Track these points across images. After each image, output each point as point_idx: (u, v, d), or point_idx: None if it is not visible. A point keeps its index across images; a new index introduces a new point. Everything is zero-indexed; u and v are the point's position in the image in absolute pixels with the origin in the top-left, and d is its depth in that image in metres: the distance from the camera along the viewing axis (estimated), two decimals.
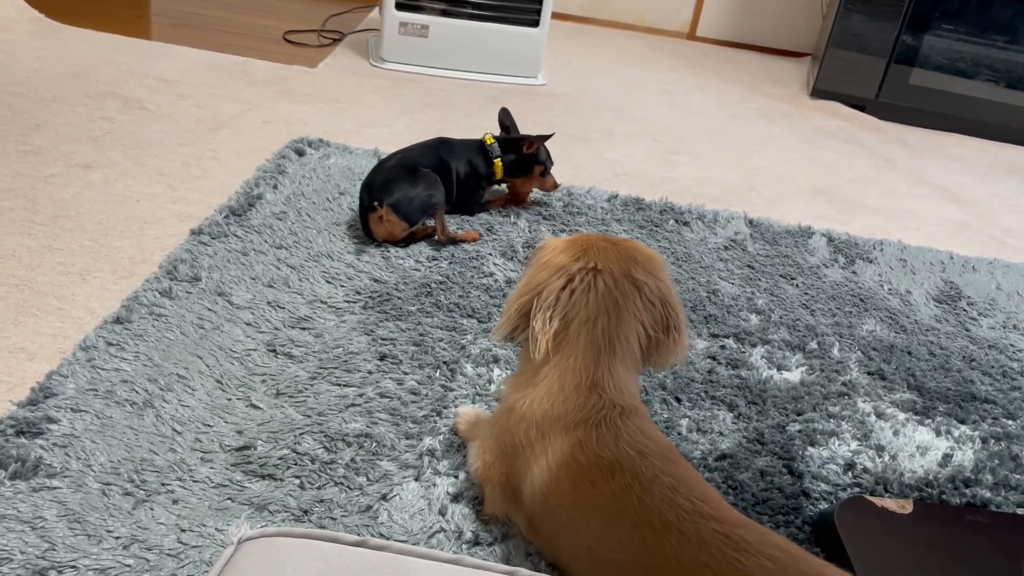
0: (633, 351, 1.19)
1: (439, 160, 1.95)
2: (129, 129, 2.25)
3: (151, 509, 1.19)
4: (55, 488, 1.19)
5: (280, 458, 1.30)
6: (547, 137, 2.04)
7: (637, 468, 1.06)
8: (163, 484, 1.23)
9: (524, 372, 1.23)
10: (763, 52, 3.75)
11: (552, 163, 2.09)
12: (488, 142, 2.03)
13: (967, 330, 1.90)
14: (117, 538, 1.13)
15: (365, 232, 1.87)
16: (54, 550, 1.10)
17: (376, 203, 1.82)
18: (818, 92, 3.24)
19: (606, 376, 1.15)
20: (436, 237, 1.89)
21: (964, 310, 1.98)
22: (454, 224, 1.99)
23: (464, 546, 1.20)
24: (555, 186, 2.12)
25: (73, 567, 1.08)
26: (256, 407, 1.39)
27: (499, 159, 2.02)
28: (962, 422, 1.60)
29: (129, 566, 1.10)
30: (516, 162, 2.04)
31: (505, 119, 2.10)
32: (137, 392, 1.38)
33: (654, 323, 1.20)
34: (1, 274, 1.63)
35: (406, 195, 1.82)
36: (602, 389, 1.14)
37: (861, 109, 3.19)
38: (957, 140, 3.12)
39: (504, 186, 2.13)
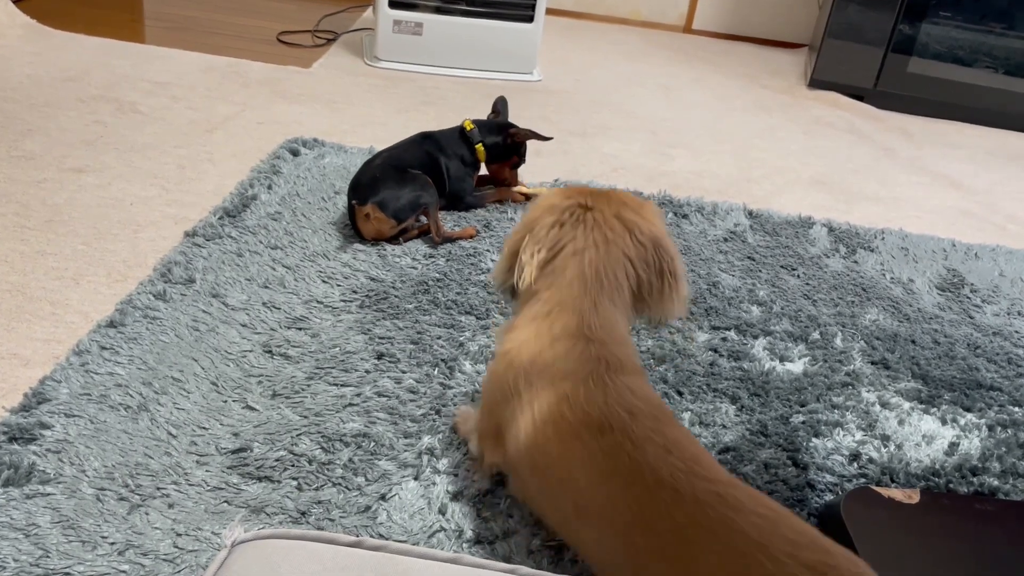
0: (622, 289, 1.18)
1: (426, 155, 1.94)
2: (122, 132, 2.23)
3: (146, 514, 1.17)
4: (49, 494, 1.17)
5: (277, 460, 1.28)
6: (544, 138, 2.03)
7: (628, 427, 1.04)
8: (158, 488, 1.21)
9: (516, 315, 1.21)
10: (760, 44, 3.74)
11: (524, 162, 2.08)
12: (467, 127, 2.01)
13: (971, 317, 1.88)
14: (112, 544, 1.12)
15: (355, 232, 1.86)
16: (48, 557, 1.09)
17: (355, 202, 1.81)
18: (816, 82, 3.22)
19: (594, 317, 1.14)
20: (432, 237, 1.87)
21: (967, 297, 1.96)
22: (450, 222, 1.97)
23: (465, 545, 1.19)
24: (516, 182, 2.10)
25: (68, 574, 1.07)
26: (252, 409, 1.38)
27: (480, 144, 2.00)
28: (968, 410, 1.58)
29: (124, 572, 1.08)
30: (500, 146, 2.02)
31: (499, 105, 2.09)
32: (131, 396, 1.36)
33: (645, 264, 1.20)
34: None
35: (394, 193, 1.81)
36: (591, 334, 1.12)
37: (859, 99, 3.17)
38: (957, 128, 3.10)
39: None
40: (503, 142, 2.02)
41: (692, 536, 0.95)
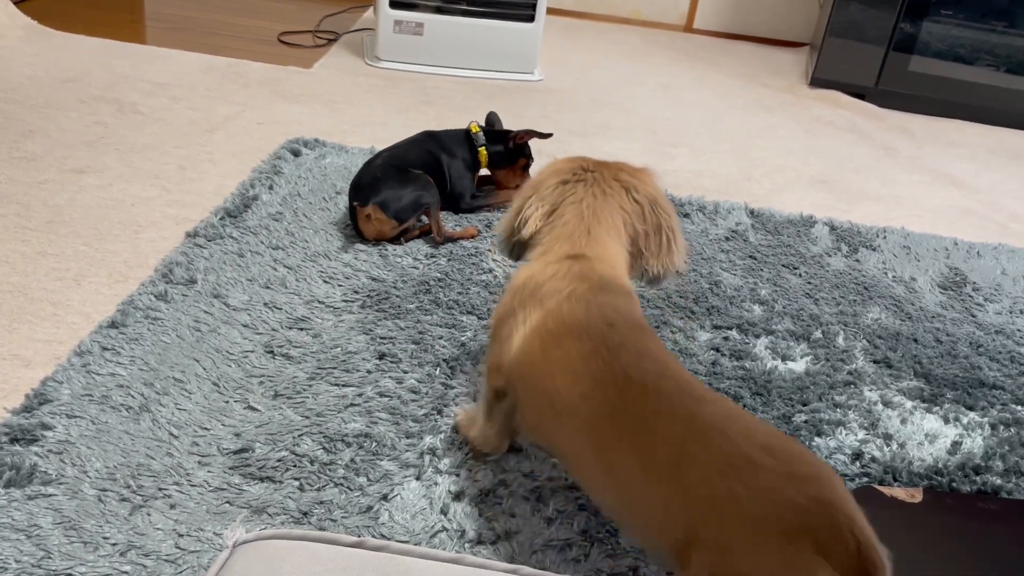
0: (619, 230, 1.27)
1: (427, 155, 1.94)
2: (123, 133, 2.23)
3: (148, 514, 1.17)
4: (50, 495, 1.17)
5: (279, 460, 1.28)
6: (544, 135, 2.03)
7: (604, 336, 1.10)
8: (160, 489, 1.21)
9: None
10: (761, 43, 3.73)
11: (533, 160, 2.08)
12: (473, 131, 2.01)
13: (973, 316, 1.88)
14: (114, 544, 1.12)
15: (356, 232, 1.86)
16: (50, 558, 1.09)
17: (356, 203, 1.80)
18: (817, 81, 3.21)
19: (584, 240, 1.23)
20: (433, 237, 1.87)
21: (970, 296, 1.95)
22: (451, 222, 1.97)
23: (467, 545, 1.18)
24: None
25: (69, 575, 1.07)
26: (254, 409, 1.37)
27: (484, 147, 2.00)
28: (971, 409, 1.58)
29: (126, 572, 1.08)
30: (502, 153, 2.02)
31: (492, 118, 2.09)
32: (133, 397, 1.36)
33: (642, 219, 1.29)
34: None
35: (395, 194, 1.81)
36: (580, 254, 1.21)
37: (861, 97, 3.17)
38: (958, 126, 3.10)
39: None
40: (505, 148, 2.02)
41: (654, 425, 1.01)
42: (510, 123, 2.14)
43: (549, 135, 2.05)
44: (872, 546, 0.89)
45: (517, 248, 1.34)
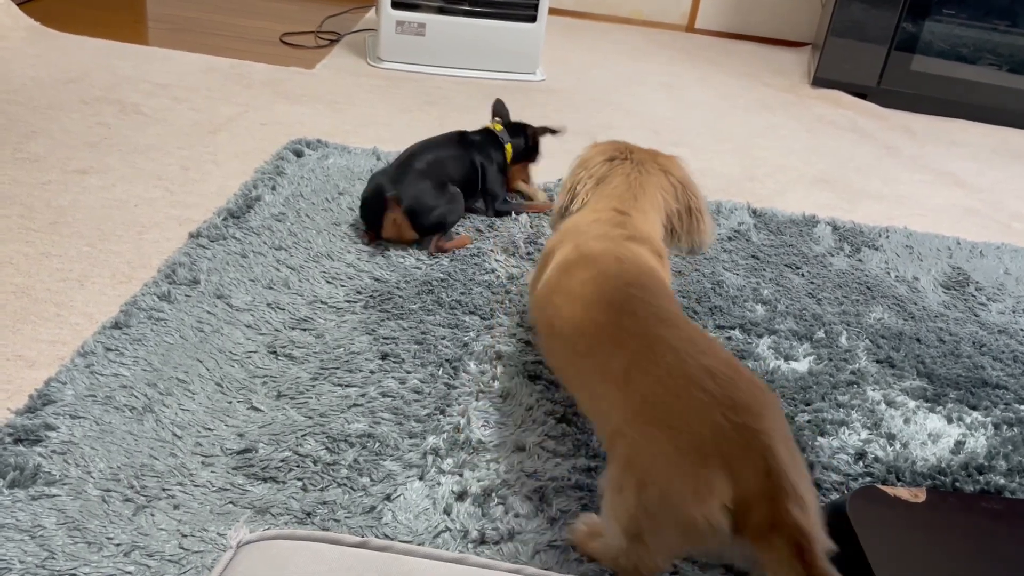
0: (659, 204, 1.45)
1: (469, 166, 1.93)
2: (126, 134, 2.24)
3: (152, 515, 1.17)
4: (54, 496, 1.18)
5: (282, 460, 1.28)
6: (556, 131, 2.04)
7: (608, 268, 1.25)
8: (164, 489, 1.21)
9: None
10: (763, 43, 3.73)
11: (540, 155, 2.10)
12: (497, 130, 2.01)
13: (976, 315, 1.88)
14: (118, 545, 1.12)
15: (369, 224, 1.83)
16: (54, 559, 1.09)
17: (392, 195, 1.76)
18: (819, 81, 3.21)
19: (634, 206, 1.41)
20: (429, 250, 1.83)
21: (973, 295, 1.95)
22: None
23: (470, 545, 1.18)
24: (529, 179, 2.13)
25: (74, 575, 1.07)
26: (257, 409, 1.38)
27: (509, 144, 2.01)
28: (974, 408, 1.58)
29: (130, 573, 1.08)
30: (522, 148, 2.04)
31: (499, 108, 2.09)
32: (136, 397, 1.36)
33: (676, 200, 1.47)
34: (0, 282, 1.62)
35: (428, 207, 1.78)
36: (622, 209, 1.39)
37: (863, 97, 3.17)
38: (961, 126, 3.10)
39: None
40: (525, 142, 2.03)
41: (621, 339, 1.15)
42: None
43: (559, 131, 2.05)
44: (783, 474, 0.96)
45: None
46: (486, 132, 2.02)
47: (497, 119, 2.05)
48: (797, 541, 0.95)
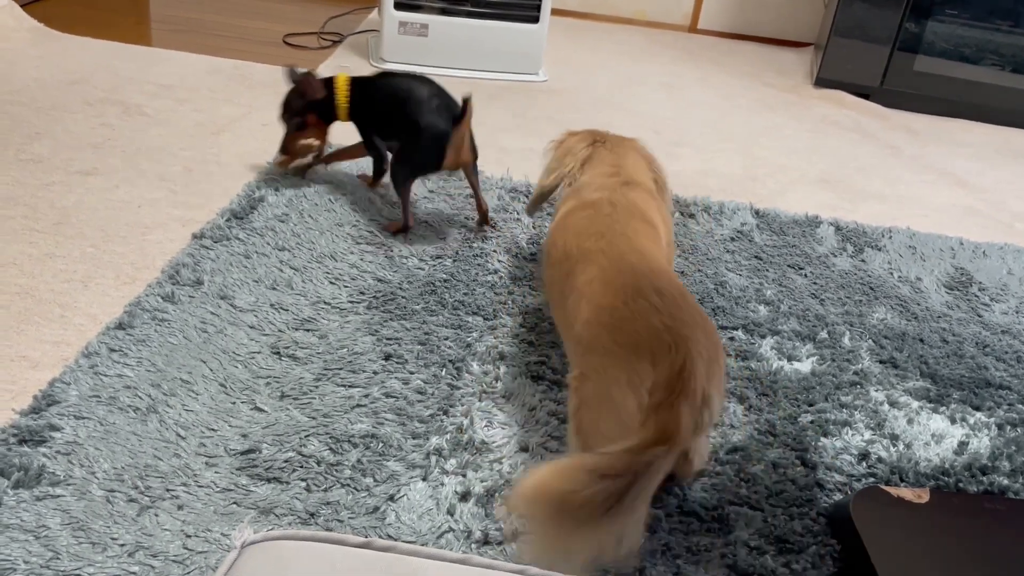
0: (643, 167, 1.61)
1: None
2: (129, 135, 2.24)
3: (156, 515, 1.17)
4: (59, 496, 1.18)
5: (285, 461, 1.28)
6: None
7: (601, 206, 1.42)
8: (168, 490, 1.21)
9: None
10: (765, 43, 3.73)
11: None
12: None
13: (979, 316, 1.87)
14: (122, 545, 1.12)
15: (435, 163, 1.83)
16: (58, 559, 1.09)
17: (462, 113, 1.79)
18: (822, 81, 3.21)
19: (627, 168, 1.55)
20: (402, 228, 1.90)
21: (976, 296, 1.95)
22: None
23: (473, 546, 1.19)
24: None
25: (78, 575, 1.07)
26: (261, 410, 1.38)
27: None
28: (977, 409, 1.58)
29: (134, 573, 1.09)
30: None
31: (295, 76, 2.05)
32: (140, 398, 1.36)
33: (650, 171, 1.63)
34: (3, 282, 1.62)
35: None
36: (619, 169, 1.53)
37: (866, 97, 3.16)
38: (963, 126, 3.09)
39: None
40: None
41: (593, 258, 1.30)
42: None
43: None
44: (692, 373, 1.09)
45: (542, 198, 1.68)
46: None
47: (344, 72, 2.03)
48: (663, 431, 1.07)
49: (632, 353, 1.14)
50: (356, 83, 1.99)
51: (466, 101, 1.79)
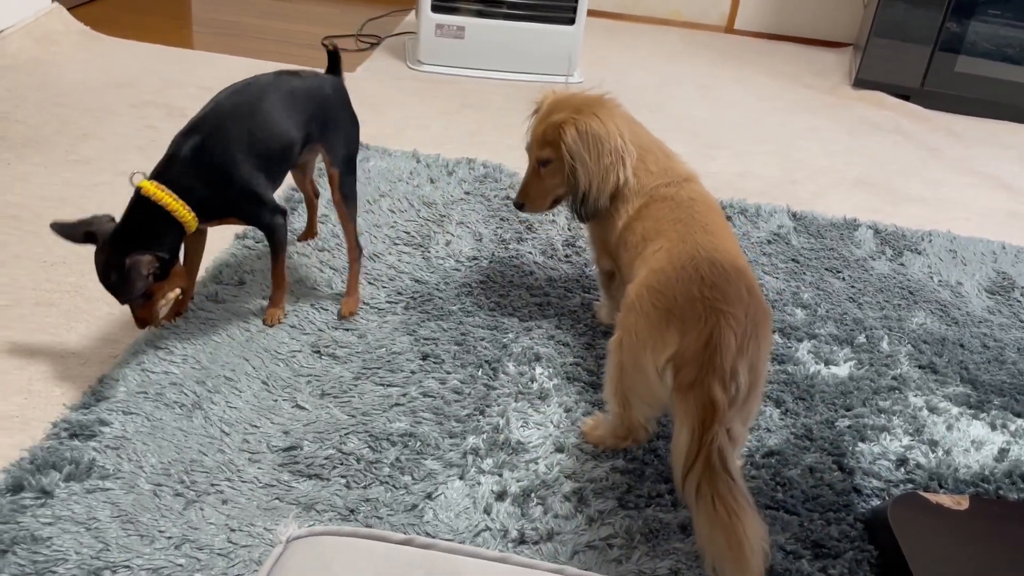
0: (662, 144, 1.63)
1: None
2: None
3: (201, 509, 1.20)
4: (108, 489, 1.21)
5: (326, 458, 1.31)
6: None
7: (682, 201, 1.44)
8: (212, 484, 1.25)
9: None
10: (803, 43, 3.69)
11: None
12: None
13: (1021, 321, 1.85)
14: (169, 538, 1.15)
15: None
16: (108, 550, 1.12)
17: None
18: (861, 82, 3.18)
19: (671, 155, 1.58)
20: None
21: (1018, 300, 1.92)
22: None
23: (510, 545, 1.20)
24: None
25: (127, 567, 1.10)
26: (302, 408, 1.41)
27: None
28: (1018, 415, 1.56)
29: (181, 565, 1.12)
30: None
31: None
32: (186, 394, 1.40)
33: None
34: (53, 281, 1.67)
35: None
36: (672, 160, 1.56)
37: (906, 98, 3.12)
38: (1008, 128, 3.04)
39: None
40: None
41: (667, 233, 1.37)
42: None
43: None
44: (719, 350, 1.14)
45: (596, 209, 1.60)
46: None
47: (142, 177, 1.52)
48: (704, 410, 1.12)
49: (663, 319, 1.21)
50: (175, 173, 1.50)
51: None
